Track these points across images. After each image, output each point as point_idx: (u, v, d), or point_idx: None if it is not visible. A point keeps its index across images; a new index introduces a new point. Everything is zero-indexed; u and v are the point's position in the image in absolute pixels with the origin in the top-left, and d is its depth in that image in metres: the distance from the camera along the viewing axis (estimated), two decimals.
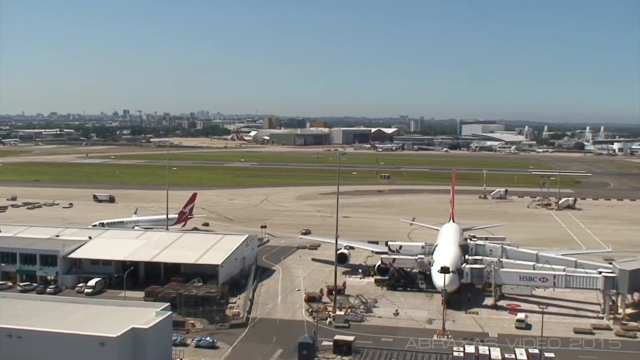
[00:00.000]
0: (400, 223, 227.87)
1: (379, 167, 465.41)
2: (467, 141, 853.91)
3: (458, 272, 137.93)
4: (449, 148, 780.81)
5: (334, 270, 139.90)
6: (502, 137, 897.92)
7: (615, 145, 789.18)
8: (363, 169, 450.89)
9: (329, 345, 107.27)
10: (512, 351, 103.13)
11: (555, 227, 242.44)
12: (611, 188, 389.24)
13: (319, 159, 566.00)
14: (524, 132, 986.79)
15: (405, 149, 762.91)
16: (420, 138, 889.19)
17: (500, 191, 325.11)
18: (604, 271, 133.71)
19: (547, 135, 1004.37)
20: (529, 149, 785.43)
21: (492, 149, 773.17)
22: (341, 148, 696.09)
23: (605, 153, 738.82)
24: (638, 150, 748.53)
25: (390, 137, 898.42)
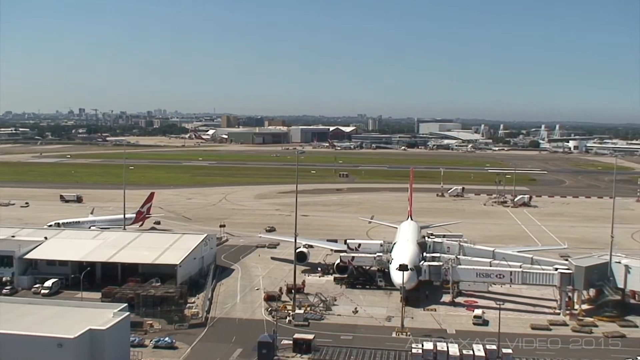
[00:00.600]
0: (359, 221, 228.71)
1: (338, 166, 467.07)
2: (424, 140, 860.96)
3: (416, 269, 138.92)
4: (407, 146, 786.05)
5: (293, 268, 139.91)
6: (459, 135, 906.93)
7: (571, 143, 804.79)
8: (322, 167, 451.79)
9: (289, 344, 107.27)
10: (470, 347, 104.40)
11: (511, 224, 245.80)
12: (566, 185, 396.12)
13: (278, 158, 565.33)
14: (481, 131, 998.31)
15: (363, 148, 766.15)
16: (379, 137, 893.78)
17: (458, 189, 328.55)
18: (560, 268, 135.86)
19: (503, 133, 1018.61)
20: (485, 147, 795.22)
21: (449, 148, 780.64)
22: (300, 147, 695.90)
23: (560, 151, 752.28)
24: (593, 148, 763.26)
25: (348, 135, 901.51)
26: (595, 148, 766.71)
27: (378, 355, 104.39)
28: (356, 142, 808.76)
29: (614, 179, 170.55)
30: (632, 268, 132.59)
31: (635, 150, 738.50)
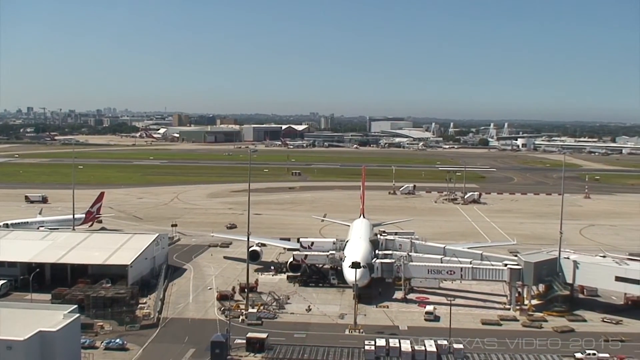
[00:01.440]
0: (312, 219, 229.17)
1: (290, 164, 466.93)
2: (376, 138, 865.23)
3: (369, 266, 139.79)
4: (359, 145, 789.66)
5: (246, 267, 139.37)
6: (410, 133, 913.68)
7: (519, 141, 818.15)
8: (274, 166, 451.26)
9: (242, 343, 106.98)
10: (421, 343, 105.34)
11: (461, 221, 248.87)
12: (515, 183, 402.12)
13: (230, 157, 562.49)
14: (431, 129, 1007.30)
15: (316, 146, 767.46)
16: (331, 135, 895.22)
17: (409, 187, 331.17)
18: (509, 263, 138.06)
19: (453, 132, 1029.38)
20: (436, 145, 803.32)
21: (400, 146, 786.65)
22: (252, 145, 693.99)
23: (509, 149, 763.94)
24: (541, 146, 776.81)
25: (301, 134, 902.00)
26: (544, 146, 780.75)
27: (331, 353, 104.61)
28: (309, 140, 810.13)
29: (562, 176, 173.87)
30: (580, 263, 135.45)
31: (583, 148, 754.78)
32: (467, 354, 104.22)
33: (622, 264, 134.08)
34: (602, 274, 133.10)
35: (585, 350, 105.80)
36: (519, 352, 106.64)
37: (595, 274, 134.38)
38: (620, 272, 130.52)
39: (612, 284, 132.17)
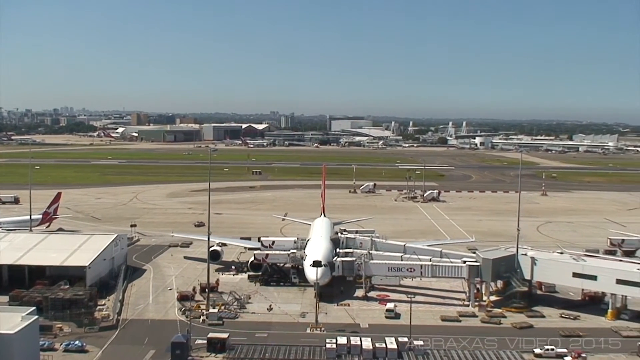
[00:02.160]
0: (273, 218, 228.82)
1: (251, 163, 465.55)
2: (336, 137, 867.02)
3: (330, 265, 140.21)
4: (319, 144, 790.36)
5: (206, 267, 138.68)
6: (370, 132, 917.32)
7: (477, 139, 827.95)
8: (234, 165, 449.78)
9: (203, 344, 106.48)
10: (382, 340, 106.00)
11: (421, 219, 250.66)
12: (473, 180, 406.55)
13: (190, 156, 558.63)
14: (391, 128, 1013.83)
15: (276, 145, 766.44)
16: (291, 134, 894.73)
17: (369, 185, 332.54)
18: (468, 260, 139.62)
19: (413, 130, 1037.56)
20: (396, 144, 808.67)
21: (360, 144, 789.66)
22: (212, 144, 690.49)
23: (467, 147, 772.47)
24: (499, 144, 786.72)
25: (261, 133, 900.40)
26: (501, 144, 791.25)
27: (293, 352, 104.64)
28: (269, 139, 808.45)
29: (519, 173, 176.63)
30: (538, 260, 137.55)
31: (540, 146, 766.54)
32: (427, 351, 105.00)
33: (579, 260, 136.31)
34: (559, 270, 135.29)
35: (544, 346, 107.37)
36: (478, 348, 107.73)
37: (553, 270, 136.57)
38: (577, 268, 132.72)
39: (569, 280, 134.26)
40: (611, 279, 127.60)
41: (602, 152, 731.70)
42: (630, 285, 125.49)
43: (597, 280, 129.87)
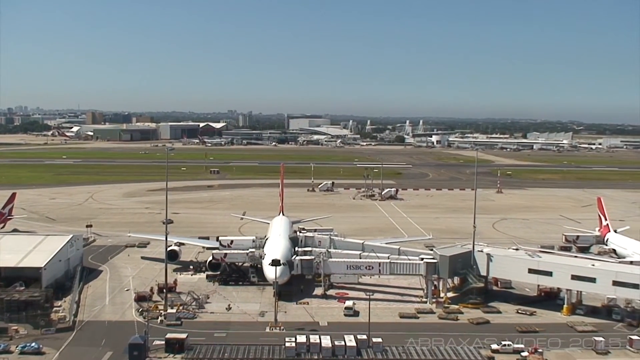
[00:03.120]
0: (231, 218, 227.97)
1: (209, 162, 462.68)
2: (294, 135, 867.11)
3: (289, 264, 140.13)
4: (278, 142, 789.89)
5: (164, 267, 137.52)
6: (328, 131, 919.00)
7: (434, 137, 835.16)
8: (192, 164, 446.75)
9: (161, 345, 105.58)
10: (341, 338, 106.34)
11: (379, 217, 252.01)
12: (430, 178, 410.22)
13: (146, 155, 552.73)
14: (349, 126, 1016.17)
15: (234, 144, 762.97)
16: (249, 133, 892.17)
17: (328, 184, 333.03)
18: (425, 257, 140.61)
19: (370, 129, 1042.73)
20: (354, 142, 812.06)
21: (319, 143, 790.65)
22: (169, 143, 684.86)
23: (424, 145, 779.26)
24: (455, 142, 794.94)
25: (219, 131, 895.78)
26: (457, 142, 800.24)
27: (252, 351, 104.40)
28: (227, 138, 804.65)
29: (475, 171, 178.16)
30: (493, 256, 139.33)
31: (495, 144, 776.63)
32: (385, 348, 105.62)
33: (535, 257, 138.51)
34: (515, 267, 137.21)
35: (501, 342, 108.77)
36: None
37: (509, 266, 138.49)
38: (532, 264, 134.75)
39: (525, 276, 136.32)
40: (566, 274, 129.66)
41: (556, 149, 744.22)
42: (585, 281, 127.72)
43: (553, 276, 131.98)
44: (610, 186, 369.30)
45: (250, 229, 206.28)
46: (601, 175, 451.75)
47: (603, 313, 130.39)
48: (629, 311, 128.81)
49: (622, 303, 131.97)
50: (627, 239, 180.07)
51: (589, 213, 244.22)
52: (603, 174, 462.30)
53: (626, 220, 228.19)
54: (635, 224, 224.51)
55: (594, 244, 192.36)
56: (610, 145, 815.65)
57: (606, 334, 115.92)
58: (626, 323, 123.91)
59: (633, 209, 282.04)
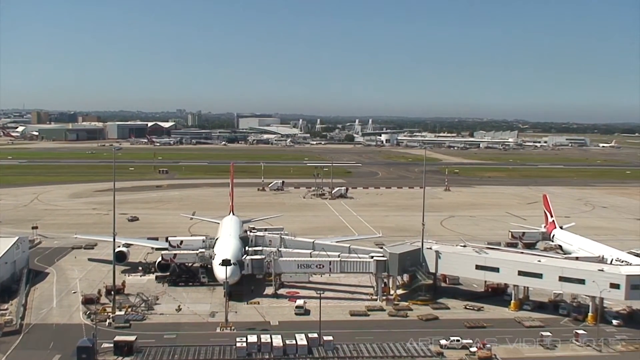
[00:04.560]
0: (181, 218, 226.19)
1: (157, 162, 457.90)
2: (244, 134, 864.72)
3: (239, 263, 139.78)
4: (227, 141, 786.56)
5: (112, 269, 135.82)
6: (278, 130, 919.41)
7: (383, 136, 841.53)
8: (140, 164, 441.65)
9: (110, 347, 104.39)
10: (292, 337, 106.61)
11: (329, 215, 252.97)
12: (380, 177, 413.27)
13: (93, 155, 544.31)
14: (299, 125, 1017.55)
15: (183, 143, 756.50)
16: (198, 132, 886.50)
17: (278, 183, 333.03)
18: (375, 255, 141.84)
19: (320, 128, 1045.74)
20: (304, 141, 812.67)
21: (269, 142, 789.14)
22: (116, 143, 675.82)
23: (373, 144, 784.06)
24: (404, 141, 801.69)
25: (167, 131, 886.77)
26: (406, 141, 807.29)
27: (203, 352, 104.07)
28: (175, 137, 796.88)
29: (423, 169, 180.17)
30: (442, 253, 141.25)
31: (443, 142, 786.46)
32: (336, 345, 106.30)
33: (482, 253, 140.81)
34: (463, 263, 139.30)
35: (450, 337, 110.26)
36: (386, 340, 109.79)
37: (457, 263, 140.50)
38: (480, 260, 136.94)
39: (472, 272, 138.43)
40: (513, 270, 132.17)
41: (502, 148, 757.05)
42: (531, 276, 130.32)
43: (500, 272, 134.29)
44: (555, 183, 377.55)
45: (200, 229, 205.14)
46: (546, 172, 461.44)
47: (549, 308, 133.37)
48: (575, 306, 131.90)
49: (568, 298, 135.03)
50: (573, 235, 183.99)
51: (535, 210, 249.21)
52: (548, 171, 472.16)
53: (571, 217, 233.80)
54: (580, 220, 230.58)
55: (540, 240, 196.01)
56: (556, 143, 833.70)
57: (553, 328, 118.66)
58: (572, 318, 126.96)
59: (578, 206, 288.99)
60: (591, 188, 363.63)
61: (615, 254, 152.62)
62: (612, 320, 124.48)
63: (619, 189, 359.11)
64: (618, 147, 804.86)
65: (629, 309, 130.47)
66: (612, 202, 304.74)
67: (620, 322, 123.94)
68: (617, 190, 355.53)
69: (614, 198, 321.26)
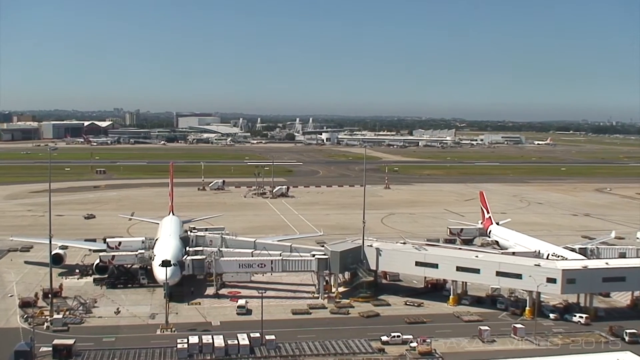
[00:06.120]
0: (119, 219, 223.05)
1: (94, 162, 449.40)
2: (184, 134, 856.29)
3: (180, 264, 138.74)
4: (167, 141, 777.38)
5: (49, 272, 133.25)
6: (218, 129, 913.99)
7: (324, 135, 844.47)
8: (77, 164, 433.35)
9: (48, 351, 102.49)
10: (234, 337, 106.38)
11: (271, 214, 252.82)
12: (321, 176, 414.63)
13: (28, 155, 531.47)
14: (239, 125, 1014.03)
15: (121, 143, 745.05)
16: (137, 131, 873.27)
17: (218, 182, 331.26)
18: (317, 254, 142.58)
19: (261, 127, 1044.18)
20: (244, 140, 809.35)
21: (209, 141, 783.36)
22: (52, 143, 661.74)
23: (314, 143, 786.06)
24: (344, 140, 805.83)
25: (104, 130, 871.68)
26: (346, 139, 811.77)
27: (143, 355, 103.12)
28: (113, 137, 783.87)
29: (364, 168, 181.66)
30: (382, 250, 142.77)
31: (383, 141, 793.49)
32: (279, 344, 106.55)
33: (421, 250, 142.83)
34: (403, 260, 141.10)
35: (390, 333, 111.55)
36: (328, 338, 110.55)
37: (397, 259, 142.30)
38: (419, 257, 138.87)
39: (412, 268, 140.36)
40: (451, 266, 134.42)
41: (440, 146, 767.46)
42: (469, 272, 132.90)
43: (439, 268, 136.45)
44: (492, 180, 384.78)
45: (139, 229, 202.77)
46: (483, 170, 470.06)
47: (487, 303, 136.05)
48: (513, 300, 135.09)
49: (506, 293, 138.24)
50: (509, 231, 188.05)
51: (472, 207, 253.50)
52: (485, 168, 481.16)
53: (507, 213, 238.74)
54: (516, 216, 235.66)
55: (477, 236, 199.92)
56: (492, 141, 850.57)
57: (491, 323, 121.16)
58: (510, 312, 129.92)
59: (514, 202, 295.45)
60: (526, 185, 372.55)
61: (551, 249, 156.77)
62: (549, 314, 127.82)
63: (554, 186, 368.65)
64: (553, 145, 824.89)
65: (565, 303, 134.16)
66: (547, 198, 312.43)
67: (557, 316, 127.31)
68: (552, 186, 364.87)
69: (549, 194, 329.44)
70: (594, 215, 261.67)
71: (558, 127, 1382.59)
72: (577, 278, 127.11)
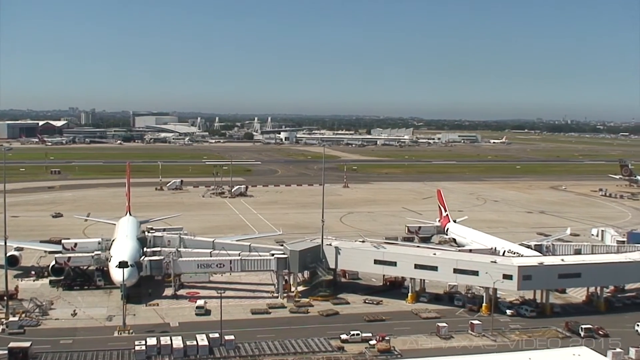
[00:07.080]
0: (75, 220, 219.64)
1: (49, 162, 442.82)
2: (141, 133, 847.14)
3: (137, 265, 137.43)
4: (123, 140, 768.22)
5: (4, 274, 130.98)
6: (175, 128, 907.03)
7: (282, 134, 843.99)
8: (31, 164, 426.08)
9: (3, 354, 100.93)
10: (193, 338, 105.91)
11: (229, 214, 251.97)
12: (279, 175, 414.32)
13: None
14: (197, 124, 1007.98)
15: (76, 143, 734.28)
16: (93, 131, 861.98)
17: (176, 182, 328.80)
18: (276, 253, 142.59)
19: (219, 126, 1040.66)
20: (202, 139, 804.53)
21: (166, 141, 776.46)
22: (6, 143, 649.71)
23: (273, 142, 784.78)
24: (303, 139, 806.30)
25: (59, 130, 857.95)
26: (305, 139, 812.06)
27: (100, 357, 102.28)
28: (68, 137, 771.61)
29: (322, 167, 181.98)
30: (341, 249, 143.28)
31: (341, 140, 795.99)
32: (238, 345, 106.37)
33: (380, 248, 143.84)
34: (361, 258, 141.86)
35: (350, 331, 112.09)
36: (287, 337, 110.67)
37: (356, 258, 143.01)
38: (378, 255, 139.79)
39: (371, 266, 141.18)
40: (410, 264, 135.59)
41: (398, 145, 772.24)
42: (427, 269, 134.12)
43: (397, 266, 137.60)
44: (449, 179, 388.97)
45: (95, 230, 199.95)
46: (440, 168, 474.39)
47: (445, 300, 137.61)
48: (470, 297, 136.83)
49: (463, 289, 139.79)
50: (466, 228, 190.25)
51: (430, 205, 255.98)
52: (442, 167, 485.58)
53: (464, 211, 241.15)
54: (473, 214, 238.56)
55: (435, 234, 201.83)
56: (448, 140, 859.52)
57: (449, 319, 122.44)
58: (467, 308, 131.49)
59: (470, 200, 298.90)
60: (483, 183, 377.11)
61: (507, 245, 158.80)
62: (506, 310, 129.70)
63: (509, 183, 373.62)
64: (508, 143, 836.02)
65: (521, 299, 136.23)
66: (502, 196, 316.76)
67: (514, 312, 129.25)
68: (507, 184, 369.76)
69: (505, 192, 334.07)
70: (549, 212, 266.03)
71: (513, 126, 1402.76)
72: (533, 274, 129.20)
